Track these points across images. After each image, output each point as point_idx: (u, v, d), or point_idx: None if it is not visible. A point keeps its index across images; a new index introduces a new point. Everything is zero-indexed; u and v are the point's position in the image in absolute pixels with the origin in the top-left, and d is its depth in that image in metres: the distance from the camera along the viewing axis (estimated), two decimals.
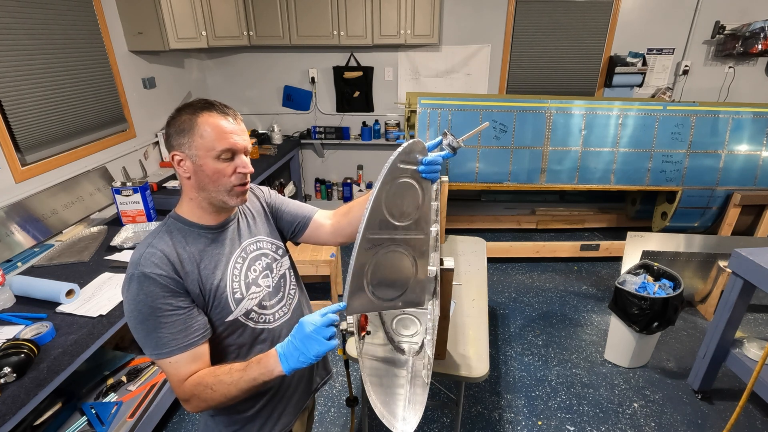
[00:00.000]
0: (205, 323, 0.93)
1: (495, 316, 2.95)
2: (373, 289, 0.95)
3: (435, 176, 0.98)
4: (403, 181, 0.94)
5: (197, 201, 0.95)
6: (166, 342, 0.88)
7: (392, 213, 0.94)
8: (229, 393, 0.88)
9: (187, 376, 0.89)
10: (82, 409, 1.85)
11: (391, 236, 0.95)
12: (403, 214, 0.96)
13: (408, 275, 1.01)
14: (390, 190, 0.92)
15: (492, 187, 3.25)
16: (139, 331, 0.89)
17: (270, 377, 0.87)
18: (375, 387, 1.10)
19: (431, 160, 0.96)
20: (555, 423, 2.13)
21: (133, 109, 3.06)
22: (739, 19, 3.69)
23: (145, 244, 0.91)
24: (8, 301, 1.67)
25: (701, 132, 3.08)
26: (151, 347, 0.88)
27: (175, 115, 0.92)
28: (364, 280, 0.93)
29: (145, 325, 0.87)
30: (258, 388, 0.90)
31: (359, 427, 2.03)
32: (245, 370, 0.88)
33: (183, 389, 0.89)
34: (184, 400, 0.91)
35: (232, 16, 3.54)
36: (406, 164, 0.94)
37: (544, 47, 3.91)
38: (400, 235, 0.96)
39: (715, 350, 2.12)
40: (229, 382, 0.88)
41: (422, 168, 0.96)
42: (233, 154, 0.92)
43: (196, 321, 0.92)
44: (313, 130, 4.28)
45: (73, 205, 2.40)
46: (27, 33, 2.21)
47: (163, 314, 0.87)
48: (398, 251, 0.97)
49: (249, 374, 0.88)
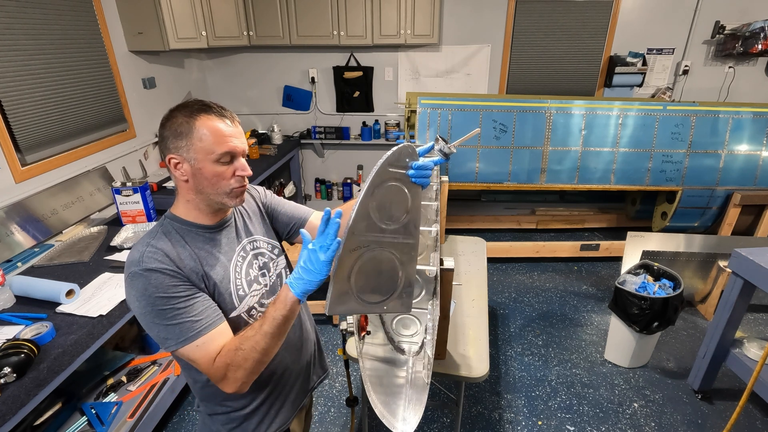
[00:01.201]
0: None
1: (495, 316, 2.95)
2: (357, 292, 0.95)
3: (425, 181, 0.98)
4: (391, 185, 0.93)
5: (194, 203, 0.95)
6: (190, 326, 0.86)
7: (380, 216, 0.93)
8: (257, 344, 0.87)
9: (216, 353, 0.88)
10: (82, 409, 1.85)
11: (377, 239, 0.94)
12: (391, 217, 0.95)
13: (394, 280, 1.00)
14: (378, 193, 0.91)
15: (492, 187, 3.25)
16: (157, 326, 0.86)
17: (286, 309, 0.87)
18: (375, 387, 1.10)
19: (421, 165, 0.95)
20: (555, 423, 2.13)
21: (133, 109, 3.06)
22: (739, 19, 3.69)
23: (143, 243, 0.90)
24: (8, 301, 1.67)
25: (701, 132, 3.08)
26: (176, 336, 0.86)
27: (169, 116, 0.91)
28: (349, 282, 0.93)
29: (162, 316, 0.85)
30: (282, 328, 0.89)
31: (359, 427, 2.03)
32: (263, 315, 0.89)
33: (216, 367, 0.87)
34: (219, 378, 0.88)
35: (232, 16, 3.54)
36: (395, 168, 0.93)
37: (544, 47, 3.91)
38: (388, 239, 0.96)
39: (715, 350, 2.12)
40: (253, 333, 0.88)
41: (412, 173, 0.95)
42: (232, 157, 0.92)
43: (211, 301, 0.92)
44: (313, 130, 4.28)
45: (73, 205, 2.40)
46: (27, 33, 2.21)
47: (179, 300, 0.86)
48: (384, 254, 0.96)
49: (267, 316, 0.88)
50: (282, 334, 0.90)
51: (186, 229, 0.95)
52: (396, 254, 0.98)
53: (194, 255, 0.92)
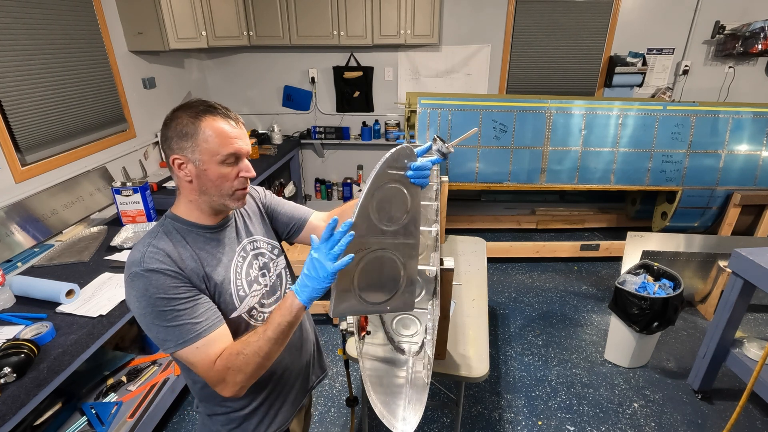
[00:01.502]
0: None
1: (495, 316, 2.95)
2: (360, 293, 0.95)
3: (424, 182, 0.98)
4: (391, 186, 0.94)
5: (197, 203, 0.95)
6: (191, 328, 0.86)
7: (380, 217, 0.94)
8: (260, 349, 0.87)
9: (216, 356, 0.87)
10: (82, 409, 1.85)
11: (379, 240, 0.95)
12: (392, 218, 0.96)
13: (396, 280, 1.01)
14: (378, 194, 0.92)
15: (492, 187, 3.25)
16: (157, 327, 0.86)
17: (292, 315, 0.87)
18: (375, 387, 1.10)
19: (420, 166, 0.95)
20: (555, 423, 2.13)
21: (133, 109, 3.06)
22: (739, 19, 3.69)
23: (144, 243, 0.90)
24: (8, 301, 1.67)
25: (701, 132, 3.08)
26: (175, 338, 0.85)
27: (173, 117, 0.90)
28: (352, 284, 0.94)
29: (163, 317, 0.85)
30: (286, 334, 0.89)
31: (359, 427, 2.03)
32: (267, 321, 0.89)
33: (215, 370, 0.87)
34: (218, 381, 0.88)
35: (232, 16, 3.54)
36: (394, 170, 0.94)
37: (544, 47, 3.91)
38: (389, 240, 0.97)
39: (715, 350, 2.12)
40: (256, 338, 0.87)
41: (411, 173, 0.96)
42: (237, 158, 0.92)
43: (212, 303, 0.92)
44: (313, 130, 4.28)
45: (73, 205, 2.40)
46: (27, 33, 2.21)
47: (180, 302, 0.86)
48: (386, 255, 0.97)
49: (271, 322, 0.87)
50: (285, 339, 0.90)
51: (187, 230, 0.95)
52: (397, 255, 0.99)
53: (195, 256, 0.92)
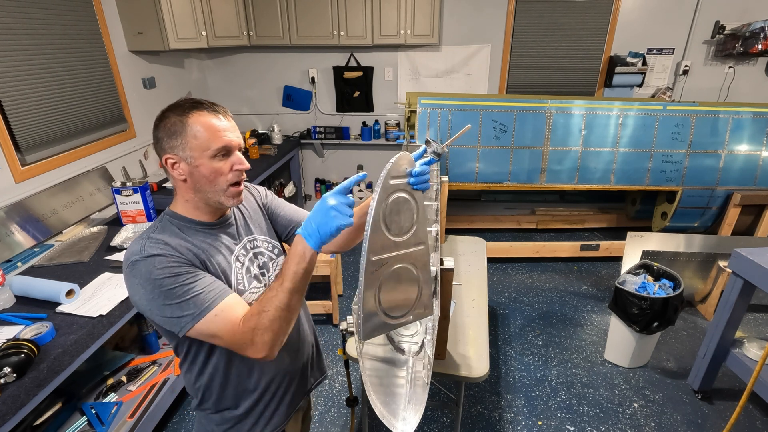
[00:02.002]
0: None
1: (495, 316, 2.95)
2: (384, 310, 0.96)
3: (426, 186, 0.98)
4: (397, 197, 0.94)
5: (193, 202, 0.95)
6: (204, 297, 0.85)
7: (391, 231, 0.94)
8: (281, 302, 0.86)
9: (238, 319, 0.86)
10: (82, 409, 1.85)
11: (393, 254, 0.95)
12: (402, 229, 0.96)
13: (415, 289, 1.01)
14: (386, 209, 0.92)
15: (492, 187, 3.25)
16: (169, 307, 0.84)
17: (306, 262, 0.86)
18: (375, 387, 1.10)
19: (420, 171, 0.95)
20: (555, 423, 2.13)
21: (133, 109, 3.06)
22: (739, 19, 3.69)
23: (143, 237, 0.89)
24: (8, 301, 1.67)
25: (701, 132, 3.08)
26: (191, 311, 0.84)
27: (162, 117, 0.90)
28: (376, 304, 0.94)
29: (173, 295, 0.83)
30: (305, 281, 0.88)
31: (359, 427, 2.03)
32: (280, 274, 0.88)
33: (242, 332, 0.85)
34: (247, 344, 0.86)
35: (232, 16, 3.54)
36: (396, 179, 0.94)
37: (544, 47, 3.91)
38: (402, 250, 0.97)
39: (715, 350, 2.12)
40: (274, 293, 0.86)
41: (412, 180, 0.96)
42: (228, 151, 0.92)
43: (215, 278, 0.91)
44: (313, 130, 4.28)
45: (73, 205, 2.40)
46: (27, 33, 2.21)
47: (187, 277, 0.85)
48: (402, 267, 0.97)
49: (287, 273, 0.86)
50: (303, 289, 0.89)
51: (186, 226, 0.95)
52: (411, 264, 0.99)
53: (194, 248, 0.92)
